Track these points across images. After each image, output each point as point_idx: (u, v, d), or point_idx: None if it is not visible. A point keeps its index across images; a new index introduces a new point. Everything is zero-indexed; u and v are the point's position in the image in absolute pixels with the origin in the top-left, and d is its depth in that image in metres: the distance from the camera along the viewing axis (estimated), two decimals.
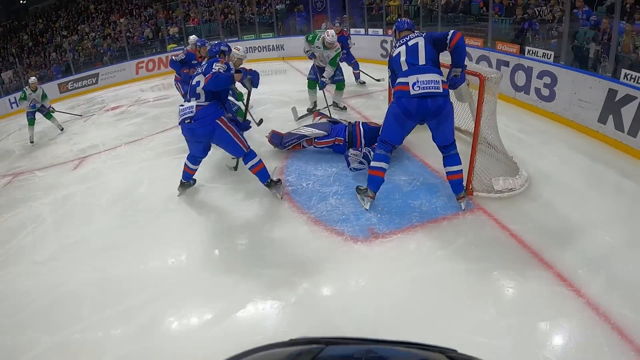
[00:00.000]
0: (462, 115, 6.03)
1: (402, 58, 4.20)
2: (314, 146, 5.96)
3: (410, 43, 4.22)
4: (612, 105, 5.89)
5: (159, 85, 13.95)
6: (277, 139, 6.19)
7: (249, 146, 4.94)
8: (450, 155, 4.39)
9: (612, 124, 5.93)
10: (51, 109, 10.05)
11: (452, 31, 4.07)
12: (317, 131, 5.82)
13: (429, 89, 3.98)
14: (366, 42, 12.79)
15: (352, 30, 13.25)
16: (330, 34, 7.37)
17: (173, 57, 7.57)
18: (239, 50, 6.06)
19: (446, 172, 4.46)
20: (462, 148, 4.64)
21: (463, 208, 4.45)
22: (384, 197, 4.74)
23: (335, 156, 5.89)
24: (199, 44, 7.28)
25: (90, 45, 18.75)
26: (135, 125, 9.25)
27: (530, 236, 3.94)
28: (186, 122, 4.61)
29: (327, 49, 7.57)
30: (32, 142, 9.57)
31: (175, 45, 16.80)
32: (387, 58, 4.80)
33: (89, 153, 7.94)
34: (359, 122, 6.01)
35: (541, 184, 4.86)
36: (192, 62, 7.35)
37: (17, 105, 12.06)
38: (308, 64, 8.22)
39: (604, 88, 6.01)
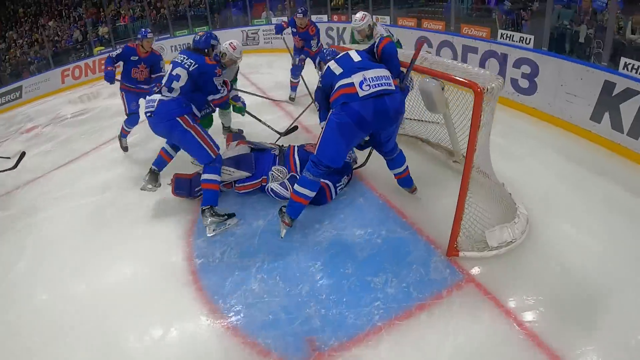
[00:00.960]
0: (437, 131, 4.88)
1: (333, 66, 3.50)
2: (235, 190, 4.47)
3: (338, 56, 3.60)
4: (609, 101, 4.77)
5: (86, 95, 12.23)
6: (184, 187, 4.44)
7: (219, 153, 4.17)
8: (396, 156, 3.89)
9: (609, 122, 4.84)
10: None
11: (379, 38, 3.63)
12: (237, 174, 4.31)
13: (382, 85, 3.28)
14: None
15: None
16: (235, 46, 5.22)
17: (110, 55, 5.82)
18: (234, 48, 5.19)
19: (394, 174, 4.03)
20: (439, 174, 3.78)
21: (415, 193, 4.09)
22: (330, 271, 3.32)
23: (262, 198, 4.42)
24: (141, 35, 5.76)
25: (18, 54, 16.85)
26: (40, 156, 7.35)
27: (543, 323, 2.69)
28: (147, 115, 4.03)
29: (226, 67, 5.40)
30: None
31: (103, 47, 15.16)
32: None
33: None
34: (294, 147, 4.57)
35: (542, 223, 3.59)
36: (131, 57, 5.77)
37: None
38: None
39: (598, 80, 4.87)
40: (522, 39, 5.98)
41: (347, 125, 3.29)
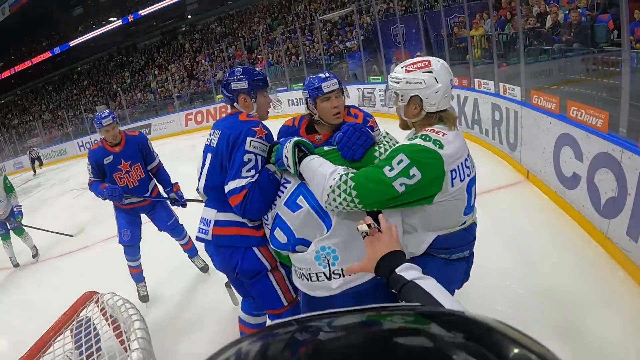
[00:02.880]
0: None
1: None
2: None
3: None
4: None
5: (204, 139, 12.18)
6: None
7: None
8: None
9: None
10: (18, 217, 6.24)
11: None
12: None
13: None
14: None
15: None
16: None
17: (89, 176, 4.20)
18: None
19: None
20: None
21: None
22: None
23: None
24: (97, 124, 3.88)
25: (171, 87, 17.60)
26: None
27: None
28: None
29: None
30: (16, 264, 6.37)
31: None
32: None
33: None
34: None
35: None
36: (105, 161, 3.87)
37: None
38: None
39: None
40: None
41: None
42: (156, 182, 4.22)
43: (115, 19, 26.61)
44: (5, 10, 27.82)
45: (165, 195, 4.20)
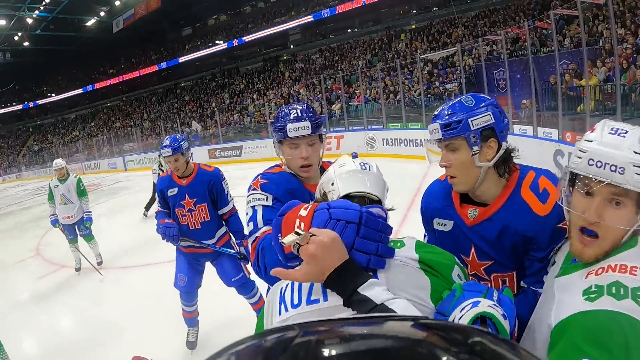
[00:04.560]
0: None
1: None
2: None
3: None
4: None
5: None
6: None
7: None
8: None
9: None
10: (87, 223, 6.20)
11: None
12: None
13: None
14: (534, 147, 7.99)
15: (518, 130, 9.07)
16: None
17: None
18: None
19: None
20: None
21: None
22: None
23: None
24: (164, 151, 3.44)
25: (267, 113, 18.11)
26: None
27: None
28: None
29: None
30: (77, 268, 6.32)
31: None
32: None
33: None
34: None
35: None
36: (169, 192, 3.50)
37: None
38: None
39: None
40: None
41: None
42: (228, 230, 3.67)
43: (221, 42, 28.02)
44: (119, 23, 30.27)
45: (233, 248, 3.61)
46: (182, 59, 29.59)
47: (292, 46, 27.14)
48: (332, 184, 1.28)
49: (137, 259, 6.55)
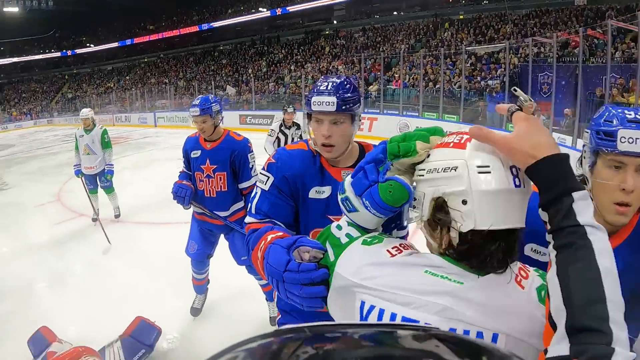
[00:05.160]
0: None
1: None
2: None
3: None
4: None
5: None
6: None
7: None
8: None
9: None
10: (108, 175, 6.25)
11: None
12: None
13: None
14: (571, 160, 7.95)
15: (557, 138, 8.89)
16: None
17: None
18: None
19: None
20: None
21: None
22: None
23: None
24: (193, 110, 3.26)
25: (303, 85, 18.15)
26: None
27: None
28: None
29: None
30: (94, 219, 6.22)
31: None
32: None
33: None
34: None
35: None
36: (192, 154, 3.37)
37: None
38: None
39: None
40: None
41: None
42: (245, 206, 3.40)
43: (264, 9, 27.97)
44: None
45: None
46: (223, 23, 29.69)
47: (335, 22, 26.95)
48: (465, 202, 0.84)
49: (155, 215, 6.55)
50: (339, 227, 1.10)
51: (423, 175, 0.92)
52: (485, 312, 0.84)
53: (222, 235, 3.59)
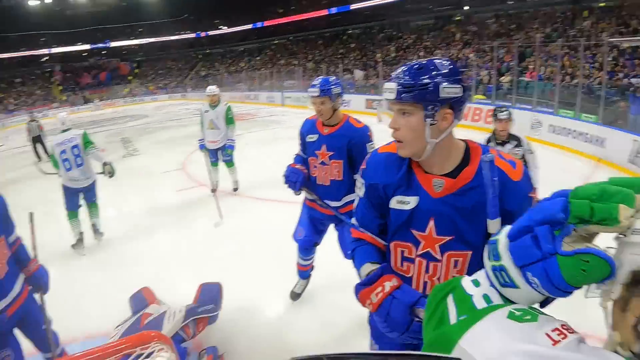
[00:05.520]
0: None
1: None
2: None
3: None
4: None
5: None
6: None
7: None
8: None
9: None
10: (228, 150, 6.70)
11: None
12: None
13: None
14: None
15: None
16: None
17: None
18: None
19: None
20: None
21: None
22: None
23: None
24: (312, 90, 3.10)
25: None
26: None
27: None
28: None
29: None
30: (213, 190, 6.36)
31: (484, 97, 14.55)
32: None
33: None
34: None
35: None
36: (307, 138, 3.29)
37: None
38: None
39: None
40: None
41: None
42: None
43: None
44: None
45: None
46: (353, 7, 30.71)
47: (466, 7, 26.64)
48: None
49: (272, 193, 6.37)
50: (476, 284, 0.83)
51: (623, 237, 0.63)
52: None
53: (332, 225, 3.47)
